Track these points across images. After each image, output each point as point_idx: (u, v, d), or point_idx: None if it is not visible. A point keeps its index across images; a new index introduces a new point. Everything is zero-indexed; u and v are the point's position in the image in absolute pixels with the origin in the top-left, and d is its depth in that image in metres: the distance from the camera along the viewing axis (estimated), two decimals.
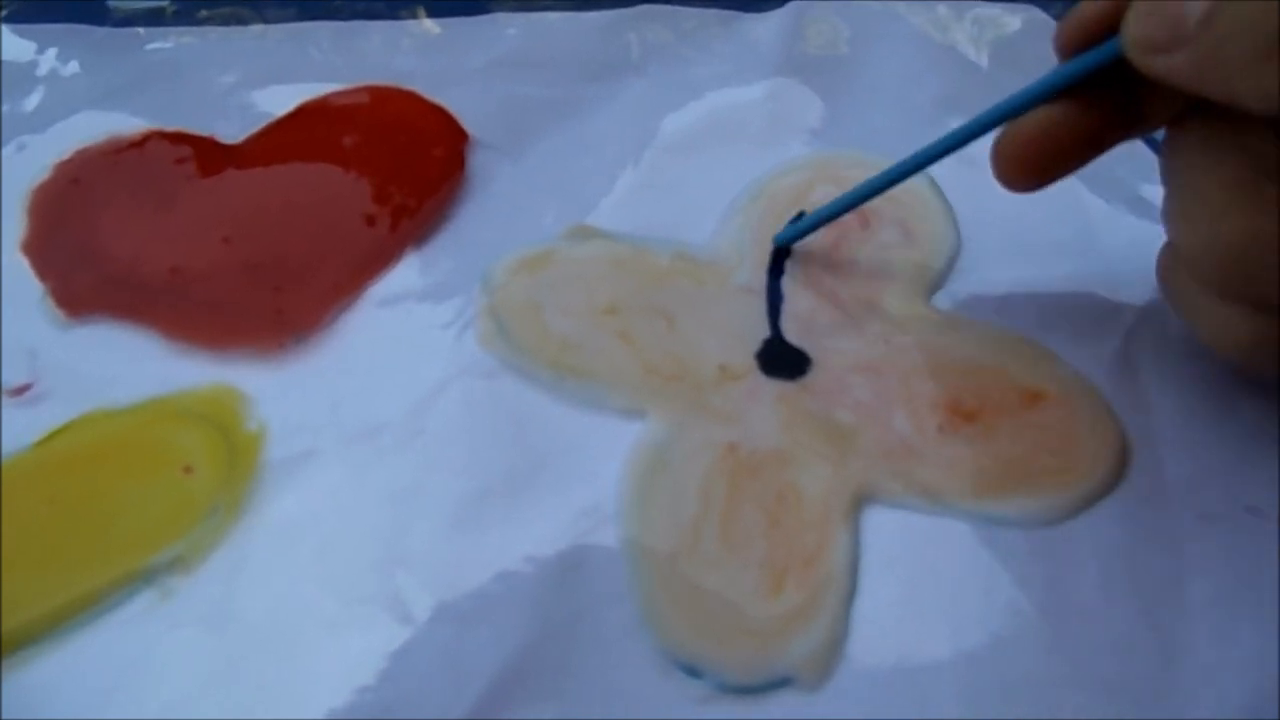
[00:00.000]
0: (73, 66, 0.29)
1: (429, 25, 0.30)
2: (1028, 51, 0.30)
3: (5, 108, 0.28)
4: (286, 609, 0.19)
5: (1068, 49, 0.18)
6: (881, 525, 0.20)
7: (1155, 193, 0.26)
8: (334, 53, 0.29)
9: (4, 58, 0.29)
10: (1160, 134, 0.20)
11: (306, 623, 0.18)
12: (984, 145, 0.27)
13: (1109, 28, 0.17)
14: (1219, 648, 0.18)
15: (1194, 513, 0.20)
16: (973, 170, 0.26)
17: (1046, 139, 0.18)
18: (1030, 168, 0.19)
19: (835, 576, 0.19)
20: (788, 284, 0.23)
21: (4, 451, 0.20)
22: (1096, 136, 0.19)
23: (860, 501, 0.20)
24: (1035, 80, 0.18)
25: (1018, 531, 0.20)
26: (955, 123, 0.28)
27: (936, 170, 0.26)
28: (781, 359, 0.22)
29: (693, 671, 0.18)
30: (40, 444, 0.20)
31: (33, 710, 0.17)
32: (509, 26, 0.30)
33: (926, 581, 0.19)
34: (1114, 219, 0.25)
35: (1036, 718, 0.18)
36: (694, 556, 0.19)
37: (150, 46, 0.30)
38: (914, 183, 0.25)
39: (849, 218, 0.25)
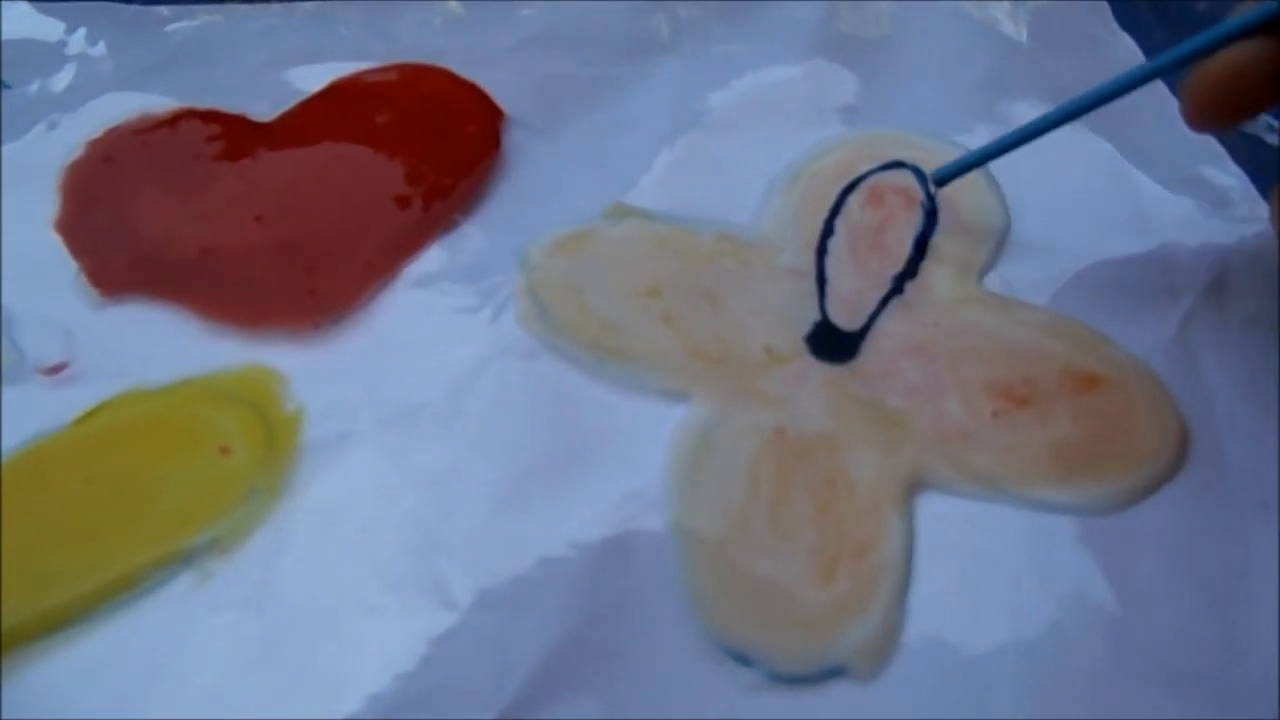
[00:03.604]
0: (101, 46, 0.29)
1: (454, 5, 0.30)
2: (1066, 25, 0.29)
3: (35, 86, 0.28)
4: (327, 593, 0.18)
5: None
6: (935, 512, 0.19)
7: (1212, 174, 0.25)
8: (364, 31, 0.29)
9: (34, 37, 0.29)
10: None
11: (347, 607, 0.18)
12: (1026, 118, 0.27)
13: None
14: None
15: (1257, 501, 0.19)
16: (1021, 150, 0.26)
17: (1240, 77, 0.18)
18: (1220, 106, 0.19)
19: (888, 565, 0.18)
20: (834, 266, 0.23)
21: (41, 430, 0.20)
22: None
23: (913, 488, 0.19)
24: (1233, 18, 0.18)
25: (1075, 519, 0.19)
26: (999, 101, 0.28)
27: (980, 145, 0.25)
28: (831, 342, 0.21)
29: (743, 659, 0.17)
30: (77, 423, 0.20)
31: (73, 692, 0.17)
32: (537, 6, 0.29)
33: (982, 570, 0.18)
34: (1168, 200, 0.25)
35: (1096, 710, 0.17)
36: (743, 543, 0.18)
37: (176, 25, 0.29)
38: None
39: (895, 198, 0.24)
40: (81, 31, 0.29)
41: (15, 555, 0.18)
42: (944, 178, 0.23)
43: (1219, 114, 0.19)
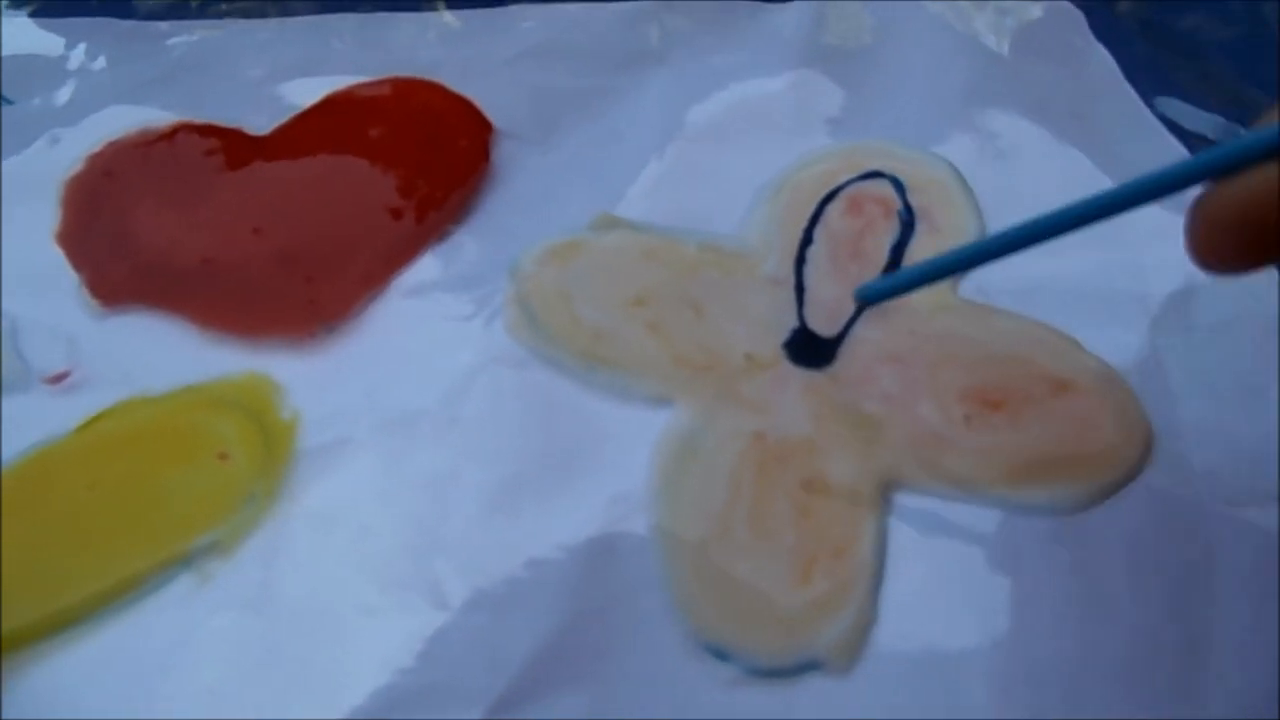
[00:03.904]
0: (101, 61, 0.29)
1: (449, 19, 0.30)
2: (1050, 40, 0.30)
3: (36, 101, 0.28)
4: (324, 593, 0.19)
5: None
6: (909, 513, 0.20)
7: None
8: (359, 45, 0.30)
9: (34, 51, 0.29)
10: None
11: (344, 607, 0.19)
12: (1005, 130, 0.28)
13: None
14: (1245, 635, 0.18)
15: (1220, 501, 0.20)
16: (996, 160, 0.26)
17: (1267, 208, 0.13)
18: (1239, 243, 0.14)
19: (864, 564, 0.19)
20: (814, 274, 0.24)
21: (45, 437, 0.21)
22: None
23: (888, 490, 0.20)
24: (1257, 130, 0.14)
25: (1044, 519, 0.20)
26: (979, 113, 0.29)
27: (960, 160, 0.26)
28: (809, 349, 0.22)
29: (721, 654, 0.18)
30: (80, 430, 0.21)
31: (77, 690, 0.18)
32: (531, 19, 0.30)
33: (954, 568, 0.19)
34: (1139, 210, 0.25)
35: (1063, 704, 0.18)
36: (724, 544, 0.19)
37: (174, 40, 0.30)
38: (937, 172, 0.26)
39: (874, 207, 0.25)
40: (81, 47, 0.30)
41: (20, 559, 0.19)
42: (869, 298, 0.20)
43: (1235, 254, 0.14)
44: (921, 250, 0.24)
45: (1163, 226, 0.25)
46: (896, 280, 0.20)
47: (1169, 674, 0.18)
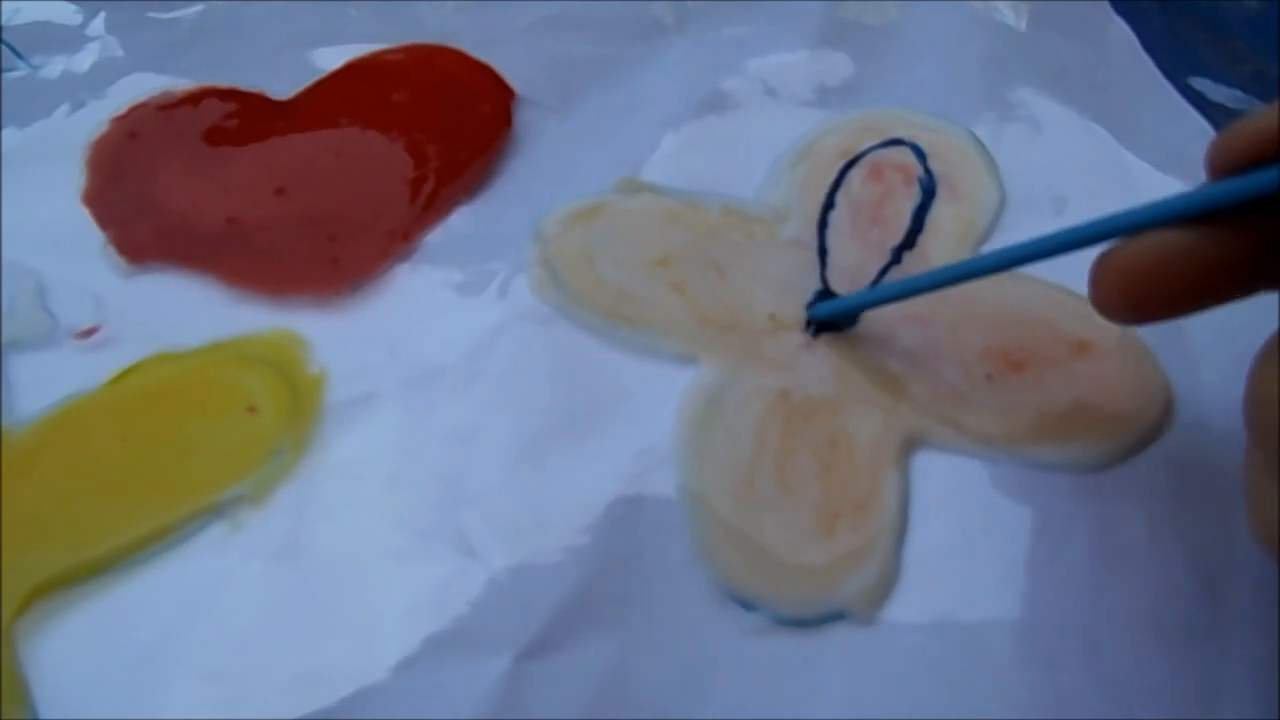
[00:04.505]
0: (121, 28, 0.29)
1: None
2: (1067, 13, 0.30)
3: (59, 67, 0.28)
4: (353, 543, 0.19)
5: (1220, 167, 0.14)
6: (932, 469, 0.20)
7: (1200, 153, 0.26)
8: (378, 12, 0.30)
9: (56, 19, 0.29)
10: None
11: (373, 556, 0.19)
12: (1024, 101, 0.28)
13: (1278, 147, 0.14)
14: (1266, 591, 0.19)
15: (1240, 462, 0.20)
16: (1015, 127, 0.27)
17: (1165, 267, 0.14)
18: (1137, 297, 0.15)
19: (887, 519, 0.19)
20: (835, 238, 0.24)
21: (76, 390, 0.21)
22: (1230, 279, 0.15)
23: (911, 447, 0.20)
24: (1168, 196, 0.14)
25: (1065, 476, 0.20)
26: (997, 85, 0.29)
27: (979, 130, 0.26)
28: None
29: (747, 604, 0.18)
30: (110, 384, 0.21)
31: (113, 633, 0.18)
32: None
33: (976, 523, 0.19)
34: (1158, 178, 0.25)
35: (1085, 653, 0.18)
36: (749, 499, 0.19)
37: (194, 7, 0.30)
38: (958, 140, 0.26)
39: (895, 174, 0.25)
40: (102, 14, 0.30)
41: (55, 508, 0.19)
42: (819, 317, 0.22)
43: (1134, 306, 0.15)
44: (942, 216, 0.24)
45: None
46: (846, 302, 0.21)
47: (1189, 628, 0.18)
